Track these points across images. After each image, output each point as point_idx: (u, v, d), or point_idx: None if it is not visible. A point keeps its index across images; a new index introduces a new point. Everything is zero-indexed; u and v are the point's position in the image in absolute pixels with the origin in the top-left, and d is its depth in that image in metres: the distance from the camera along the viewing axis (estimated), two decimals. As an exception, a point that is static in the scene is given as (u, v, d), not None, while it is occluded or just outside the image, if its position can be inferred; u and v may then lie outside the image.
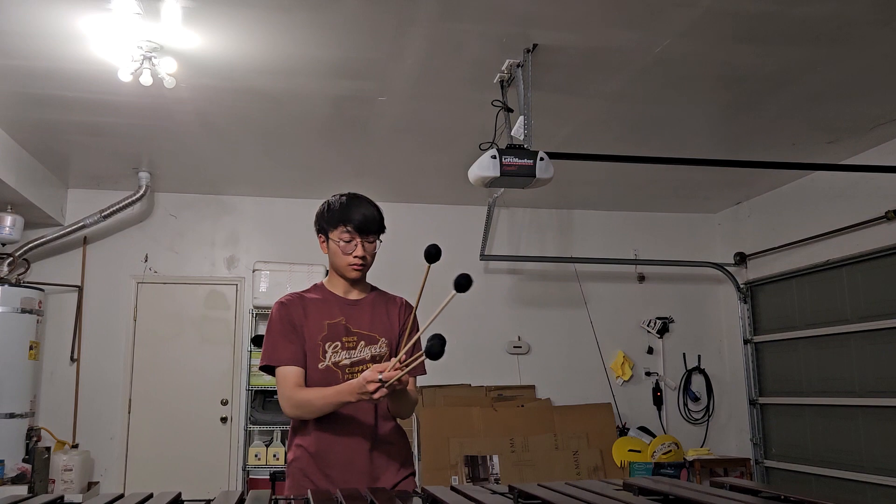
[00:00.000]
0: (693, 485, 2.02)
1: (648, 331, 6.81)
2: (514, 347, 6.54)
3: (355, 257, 2.16)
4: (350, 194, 2.24)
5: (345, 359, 2.16)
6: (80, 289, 6.05)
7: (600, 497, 1.73)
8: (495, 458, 5.79)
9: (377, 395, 1.92)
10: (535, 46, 3.62)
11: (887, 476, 5.03)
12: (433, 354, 1.77)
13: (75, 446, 5.71)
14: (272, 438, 5.97)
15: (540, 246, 6.75)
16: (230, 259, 6.37)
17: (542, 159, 3.64)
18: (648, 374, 6.75)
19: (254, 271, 6.05)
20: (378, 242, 2.22)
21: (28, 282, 5.63)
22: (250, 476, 5.87)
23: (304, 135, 4.94)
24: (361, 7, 3.27)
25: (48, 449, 5.36)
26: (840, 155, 5.33)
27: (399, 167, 5.64)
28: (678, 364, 6.83)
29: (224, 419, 6.10)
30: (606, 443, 6.13)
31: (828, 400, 5.64)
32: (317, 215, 2.25)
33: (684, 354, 6.85)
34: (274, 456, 5.79)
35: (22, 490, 4.90)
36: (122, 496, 1.80)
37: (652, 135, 4.93)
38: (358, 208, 2.17)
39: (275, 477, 5.66)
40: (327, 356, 2.15)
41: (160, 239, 6.26)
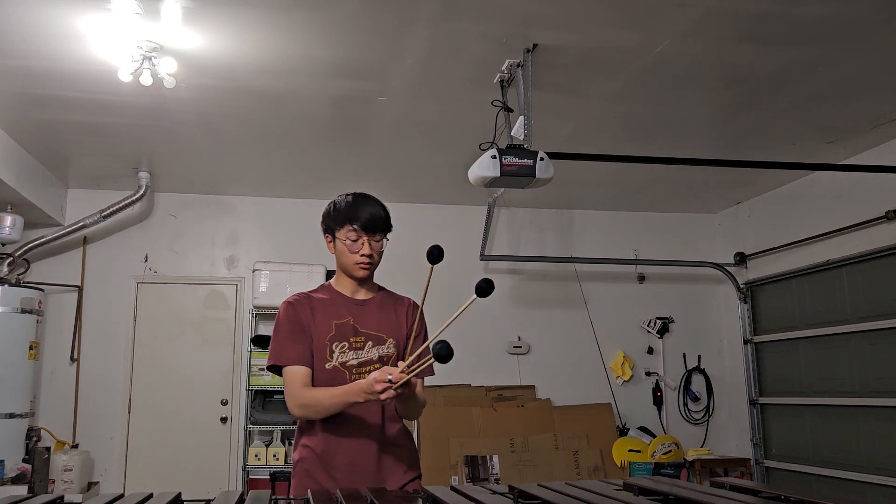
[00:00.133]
0: (693, 485, 2.02)
1: (648, 331, 6.81)
2: (514, 347, 6.54)
3: (362, 256, 2.16)
4: (356, 193, 2.23)
5: (352, 359, 2.15)
6: (80, 289, 6.05)
7: (600, 497, 1.73)
8: (495, 458, 5.79)
9: (384, 396, 1.91)
10: (535, 46, 3.62)
11: (887, 476, 5.03)
12: (441, 359, 1.77)
13: (75, 446, 5.71)
14: (272, 438, 5.96)
15: (540, 246, 6.75)
16: (230, 259, 6.37)
17: (542, 159, 3.64)
18: (648, 374, 6.75)
19: (254, 271, 6.04)
20: (385, 241, 2.21)
21: (28, 282, 5.63)
22: (250, 476, 5.86)
23: (304, 135, 4.94)
24: (361, 7, 3.27)
25: (48, 449, 5.36)
26: (840, 155, 5.33)
27: (399, 167, 5.64)
28: (678, 364, 6.83)
29: (224, 419, 6.10)
30: (606, 443, 6.13)
31: (828, 400, 5.64)
32: (323, 215, 2.25)
33: (684, 354, 6.85)
34: (274, 456, 5.79)
35: (22, 490, 4.90)
36: (122, 496, 1.80)
37: (652, 135, 4.93)
38: (364, 207, 2.17)
39: (275, 477, 5.66)
40: (334, 356, 2.14)
41: (160, 239, 6.26)
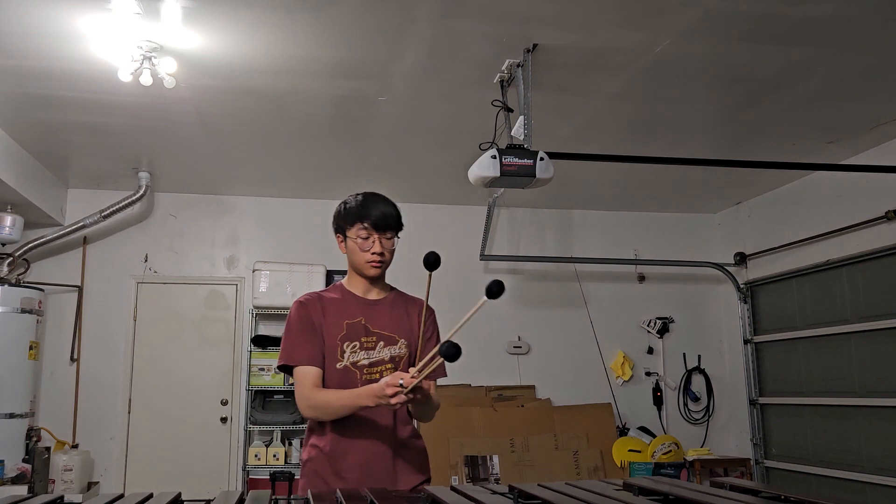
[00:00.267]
0: (693, 485, 2.02)
1: (648, 331, 6.81)
2: (514, 347, 6.54)
3: (373, 254, 2.15)
4: (367, 193, 2.23)
5: (363, 359, 2.15)
6: (80, 289, 6.05)
7: (600, 497, 1.73)
8: (495, 458, 5.79)
9: (395, 401, 1.90)
10: (535, 46, 3.62)
11: (887, 476, 5.03)
12: (448, 357, 1.77)
13: (75, 446, 5.71)
14: (272, 438, 5.97)
15: (540, 246, 6.75)
16: (230, 259, 6.37)
17: (542, 159, 3.64)
18: (648, 374, 6.75)
19: (254, 271, 6.04)
20: (396, 240, 2.20)
21: (28, 282, 5.63)
22: (250, 476, 5.86)
23: (305, 135, 4.94)
24: (362, 7, 3.27)
25: (48, 449, 5.36)
26: (840, 155, 5.33)
27: (399, 167, 5.64)
28: (678, 364, 6.83)
29: (224, 419, 6.10)
30: (606, 443, 6.13)
31: (828, 400, 5.64)
32: (334, 215, 2.25)
33: (684, 354, 6.85)
34: (274, 456, 5.79)
35: (22, 490, 4.90)
36: (122, 496, 1.80)
37: (652, 135, 4.93)
38: (375, 205, 2.17)
39: (275, 477, 5.66)
40: (345, 356, 2.14)
41: (160, 239, 6.26)
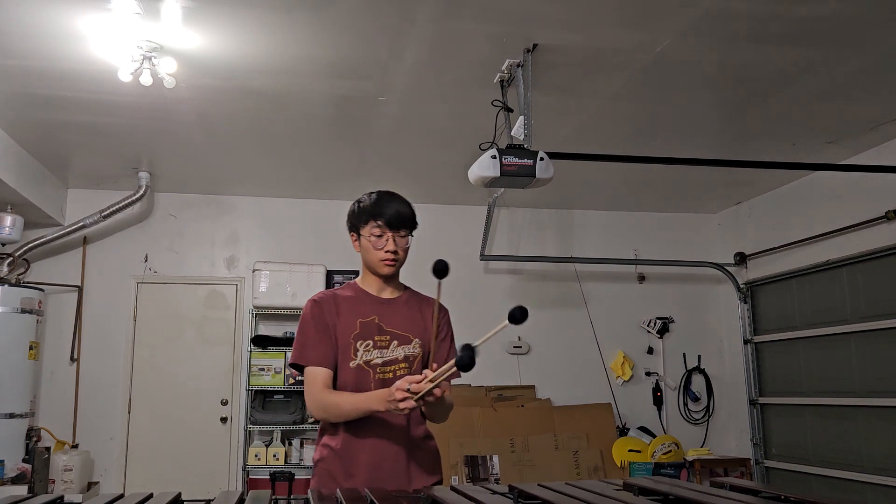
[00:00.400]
0: (693, 485, 2.02)
1: (648, 331, 6.81)
2: (514, 347, 6.54)
3: (387, 252, 2.15)
4: (381, 191, 2.23)
5: (376, 357, 2.14)
6: (80, 289, 6.05)
7: (600, 497, 1.73)
8: (495, 458, 5.79)
9: (403, 406, 1.90)
10: (535, 46, 3.62)
11: (887, 476, 5.03)
12: (462, 367, 1.77)
13: (75, 446, 5.71)
14: (272, 438, 5.97)
15: (540, 246, 6.76)
16: (230, 259, 6.37)
17: (542, 159, 3.64)
18: (648, 374, 6.75)
19: (254, 271, 6.05)
20: (410, 238, 2.20)
21: (28, 282, 5.63)
22: (250, 476, 5.86)
23: (304, 135, 4.94)
24: (362, 7, 3.27)
25: (48, 449, 5.36)
26: (840, 155, 5.33)
27: (399, 167, 5.64)
28: (678, 364, 6.83)
29: (224, 419, 6.10)
30: (606, 443, 6.13)
31: (828, 400, 5.64)
32: (348, 214, 2.24)
33: (684, 354, 6.85)
34: (274, 456, 5.79)
35: (22, 490, 4.90)
36: (122, 496, 1.80)
37: (652, 135, 4.93)
38: (389, 204, 2.16)
39: (275, 477, 5.66)
40: (359, 354, 2.13)
41: (160, 239, 6.27)
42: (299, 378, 5.93)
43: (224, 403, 6.13)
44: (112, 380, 6.00)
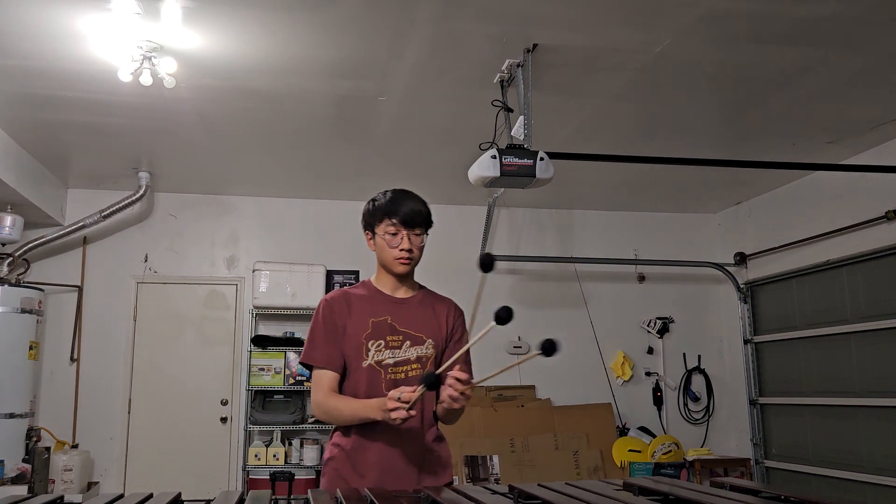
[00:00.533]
0: (693, 485, 2.02)
1: (648, 331, 6.81)
2: (514, 347, 6.53)
3: (401, 250, 2.14)
4: (396, 189, 2.21)
5: (388, 358, 2.13)
6: (80, 289, 6.05)
7: (600, 497, 1.73)
8: (495, 458, 5.78)
9: (394, 415, 1.89)
10: (535, 46, 3.62)
11: (887, 476, 5.02)
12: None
13: (75, 446, 5.71)
14: (272, 438, 5.96)
15: (540, 246, 6.75)
16: (230, 259, 6.37)
17: (542, 159, 3.64)
18: (648, 374, 6.75)
19: (254, 271, 6.04)
20: (425, 237, 2.19)
21: (28, 282, 5.63)
22: (250, 476, 5.86)
23: (305, 135, 4.94)
24: (361, 7, 3.27)
25: (48, 449, 5.36)
26: (840, 155, 5.33)
27: (399, 167, 5.63)
28: (678, 364, 6.83)
29: (224, 419, 6.10)
30: (606, 443, 6.13)
31: (828, 400, 5.64)
32: (363, 213, 2.23)
33: (684, 354, 6.84)
34: (274, 456, 5.79)
35: (22, 490, 4.90)
36: (122, 496, 1.80)
37: (652, 135, 4.93)
38: (404, 202, 2.15)
39: (275, 477, 5.66)
40: (370, 355, 2.12)
41: (160, 239, 6.26)
42: (299, 378, 5.94)
43: (224, 403, 6.13)
44: (112, 380, 6.00)
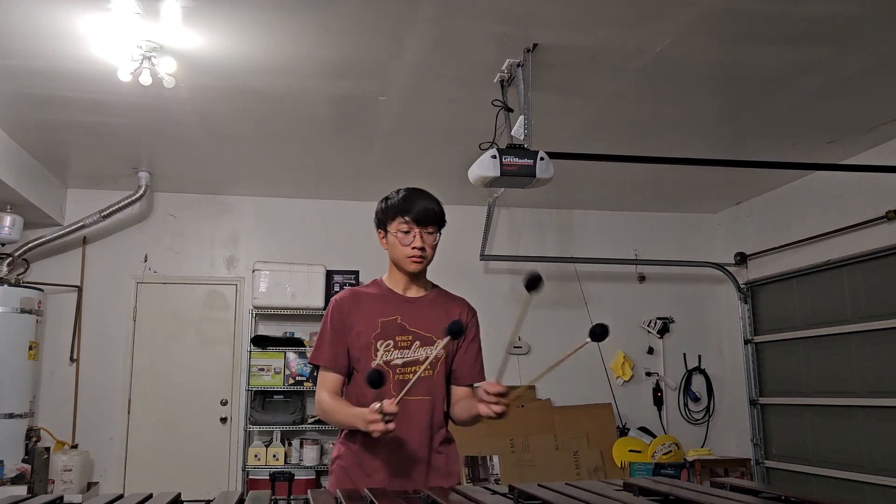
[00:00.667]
0: (693, 485, 2.02)
1: (649, 331, 6.80)
2: (515, 347, 6.52)
3: (414, 249, 2.12)
4: (409, 188, 2.20)
5: (397, 358, 2.11)
6: (80, 289, 6.05)
7: (600, 497, 1.73)
8: (495, 459, 5.78)
9: (372, 428, 1.85)
10: (535, 46, 3.62)
11: (887, 476, 5.02)
12: (596, 336, 1.82)
13: (75, 446, 5.71)
14: (272, 439, 5.96)
15: (540, 246, 6.75)
16: (230, 259, 6.37)
17: (542, 159, 3.64)
18: (649, 375, 6.74)
19: (253, 271, 6.04)
20: (438, 235, 2.17)
21: (28, 282, 5.62)
22: (250, 476, 5.85)
23: (304, 135, 4.94)
24: (361, 7, 3.27)
25: (48, 449, 5.36)
26: (840, 155, 5.33)
27: (399, 167, 5.63)
28: (678, 364, 6.83)
29: (224, 419, 6.10)
30: (606, 443, 6.13)
31: (828, 400, 5.64)
32: (375, 211, 2.21)
33: (684, 354, 6.84)
34: (274, 456, 5.79)
35: (21, 490, 4.89)
36: (122, 496, 1.80)
37: (652, 135, 4.93)
38: (417, 200, 2.14)
39: (274, 477, 5.65)
40: (379, 355, 2.10)
41: (160, 239, 6.26)
42: (299, 378, 5.95)
43: (224, 404, 6.12)
44: (112, 380, 6.00)
